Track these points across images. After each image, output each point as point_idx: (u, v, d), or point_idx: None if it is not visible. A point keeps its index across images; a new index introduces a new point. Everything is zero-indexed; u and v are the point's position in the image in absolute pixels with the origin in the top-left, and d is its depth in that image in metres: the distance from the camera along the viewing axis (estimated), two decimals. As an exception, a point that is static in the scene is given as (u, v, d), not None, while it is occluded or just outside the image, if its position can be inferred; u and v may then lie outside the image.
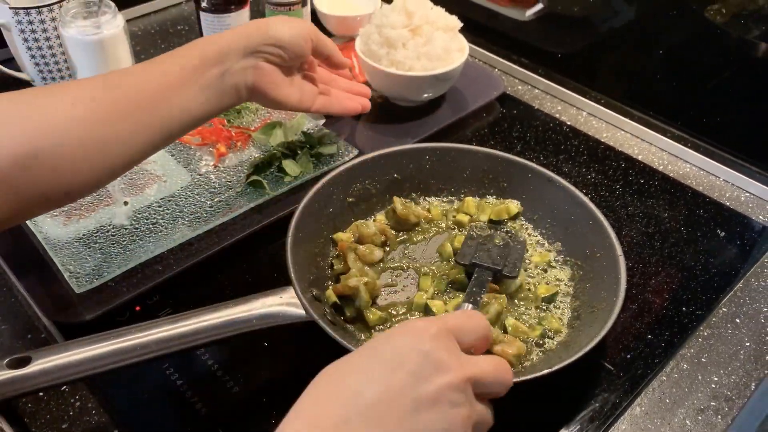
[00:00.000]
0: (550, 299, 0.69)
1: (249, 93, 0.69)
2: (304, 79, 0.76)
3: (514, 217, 0.78)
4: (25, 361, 0.53)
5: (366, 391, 0.41)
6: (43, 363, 0.53)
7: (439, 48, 0.90)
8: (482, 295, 0.65)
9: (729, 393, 0.64)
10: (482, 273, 0.67)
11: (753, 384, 0.65)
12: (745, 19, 0.90)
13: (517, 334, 0.65)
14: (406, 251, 0.75)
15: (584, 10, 1.05)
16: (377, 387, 0.41)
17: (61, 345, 0.55)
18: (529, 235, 0.76)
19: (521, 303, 0.69)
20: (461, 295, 0.68)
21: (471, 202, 0.78)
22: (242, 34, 0.67)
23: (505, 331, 0.66)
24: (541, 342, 0.65)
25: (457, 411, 0.42)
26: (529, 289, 0.70)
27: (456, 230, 0.77)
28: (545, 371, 0.57)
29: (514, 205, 0.77)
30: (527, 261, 0.73)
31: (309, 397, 0.42)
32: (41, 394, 0.61)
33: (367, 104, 0.83)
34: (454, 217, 0.77)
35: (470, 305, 0.62)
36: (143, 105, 0.60)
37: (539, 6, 1.09)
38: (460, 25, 0.94)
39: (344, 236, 0.73)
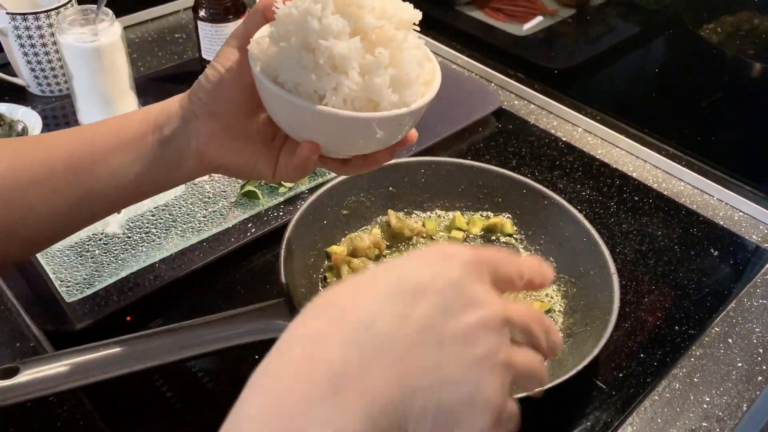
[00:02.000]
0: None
1: (200, 161, 0.53)
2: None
3: (509, 234, 0.78)
4: (12, 372, 0.52)
5: (377, 322, 0.34)
6: (30, 373, 0.53)
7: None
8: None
9: (721, 414, 0.64)
10: None
11: (745, 405, 0.65)
12: (739, 38, 0.91)
13: None
14: (399, 265, 0.74)
15: (581, 28, 1.06)
16: (390, 318, 0.34)
17: (49, 356, 0.55)
18: (523, 250, 0.76)
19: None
20: None
21: (460, 217, 0.78)
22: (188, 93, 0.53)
23: None
24: (533, 359, 0.65)
25: (490, 354, 0.35)
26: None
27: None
28: (537, 389, 0.57)
29: (508, 224, 0.77)
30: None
31: (294, 335, 0.35)
32: (28, 404, 0.61)
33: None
34: (449, 236, 0.77)
35: None
36: (64, 170, 0.51)
37: (537, 20, 1.10)
38: (418, 17, 0.49)
39: (338, 249, 0.73)
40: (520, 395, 0.55)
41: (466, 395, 0.34)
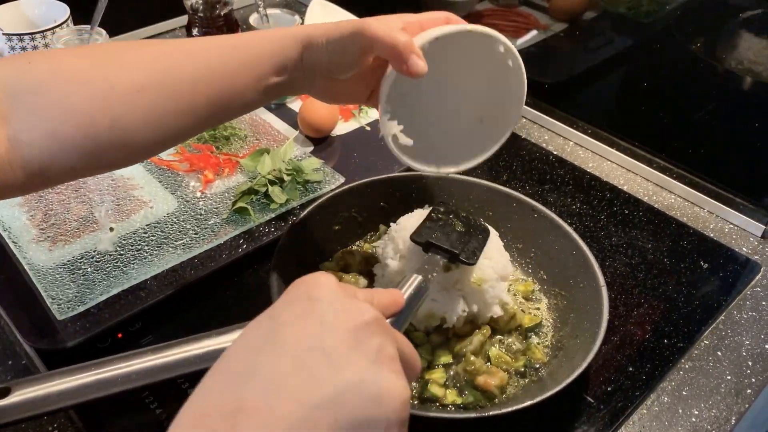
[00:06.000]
0: (533, 329, 0.69)
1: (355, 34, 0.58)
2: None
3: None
4: (4, 392, 0.53)
5: (260, 357, 0.37)
6: (23, 394, 0.53)
7: None
8: (432, 274, 0.60)
9: (709, 427, 0.64)
10: (438, 253, 0.64)
11: (734, 418, 0.65)
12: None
13: (500, 365, 0.65)
14: (390, 280, 0.75)
15: (573, 42, 1.07)
16: (272, 348, 0.37)
17: (42, 375, 0.55)
18: (514, 264, 0.77)
19: (504, 333, 0.69)
20: None
21: None
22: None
23: (489, 361, 0.66)
24: (523, 372, 0.66)
25: (380, 350, 0.39)
26: (513, 319, 0.70)
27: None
28: (527, 403, 0.57)
29: None
30: (510, 291, 0.73)
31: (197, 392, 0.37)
32: (22, 424, 0.61)
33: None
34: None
35: (419, 276, 0.57)
36: (202, 105, 0.57)
37: (530, 35, 1.11)
38: None
39: (330, 265, 0.74)
40: (518, 407, 0.56)
41: (371, 394, 0.36)
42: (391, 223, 0.72)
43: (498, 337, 0.69)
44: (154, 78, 0.56)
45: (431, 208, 0.69)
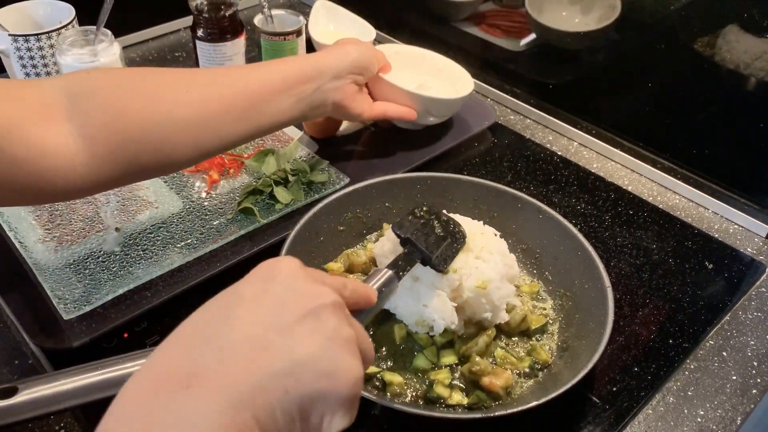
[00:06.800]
0: (538, 330, 0.69)
1: (334, 108, 0.79)
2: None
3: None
4: (11, 392, 0.53)
5: (223, 327, 0.38)
6: (30, 393, 0.53)
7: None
8: (406, 271, 0.61)
9: (715, 428, 0.64)
10: (414, 252, 0.64)
11: (739, 418, 0.65)
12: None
13: (506, 365, 0.65)
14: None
15: (576, 43, 1.07)
16: (235, 321, 0.39)
17: (48, 375, 0.55)
18: (519, 265, 0.77)
19: (510, 334, 0.69)
20: None
21: None
22: (334, 57, 0.78)
23: (495, 362, 0.66)
24: (529, 373, 0.66)
25: (336, 330, 0.40)
26: (523, 321, 0.69)
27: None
28: (532, 404, 0.57)
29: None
30: (518, 293, 0.73)
31: (158, 350, 0.39)
32: (29, 424, 0.61)
33: (413, 112, 0.90)
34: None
35: (389, 271, 0.57)
36: (244, 105, 0.68)
37: (533, 36, 1.11)
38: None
39: (335, 266, 0.74)
40: (523, 408, 0.56)
41: (324, 369, 0.38)
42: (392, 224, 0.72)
43: (503, 337, 0.69)
44: (200, 87, 0.66)
45: (418, 206, 0.69)
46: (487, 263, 0.67)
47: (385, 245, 0.71)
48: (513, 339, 0.69)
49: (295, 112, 0.73)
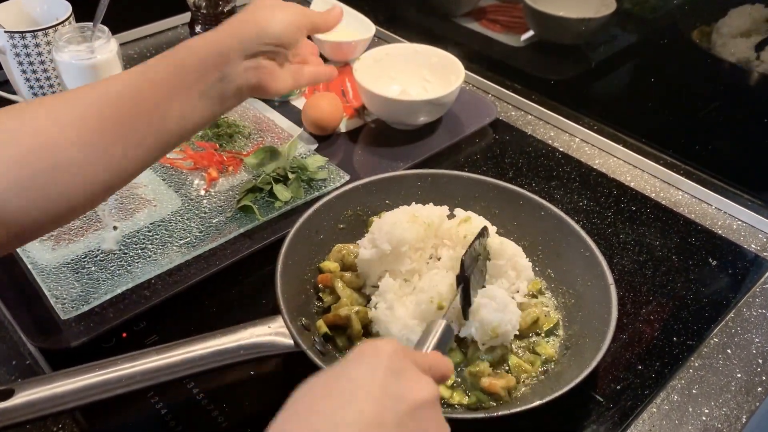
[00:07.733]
0: (548, 331, 0.68)
1: (251, 92, 0.64)
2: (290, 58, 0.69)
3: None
4: (8, 394, 0.52)
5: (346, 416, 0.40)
6: (26, 395, 0.53)
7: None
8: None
9: (720, 426, 0.63)
10: (465, 292, 0.63)
11: (744, 417, 0.64)
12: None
13: (520, 374, 0.64)
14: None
15: (577, 38, 1.06)
16: (357, 410, 0.40)
17: (45, 377, 0.55)
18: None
19: (521, 336, 0.68)
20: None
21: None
22: (238, 34, 0.62)
23: (508, 371, 0.65)
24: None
25: (440, 425, 0.43)
26: (535, 323, 0.68)
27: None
28: (536, 403, 0.57)
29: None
30: (518, 291, 0.72)
31: None
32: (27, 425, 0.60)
33: (335, 69, 0.75)
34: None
35: (443, 321, 0.55)
36: (136, 119, 0.56)
37: (533, 31, 1.10)
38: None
39: (332, 266, 0.73)
40: (526, 407, 0.55)
41: None
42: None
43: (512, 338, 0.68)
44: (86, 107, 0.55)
45: (478, 239, 0.67)
46: (495, 300, 0.64)
47: (367, 236, 0.71)
48: (517, 337, 0.68)
49: (206, 111, 0.60)
